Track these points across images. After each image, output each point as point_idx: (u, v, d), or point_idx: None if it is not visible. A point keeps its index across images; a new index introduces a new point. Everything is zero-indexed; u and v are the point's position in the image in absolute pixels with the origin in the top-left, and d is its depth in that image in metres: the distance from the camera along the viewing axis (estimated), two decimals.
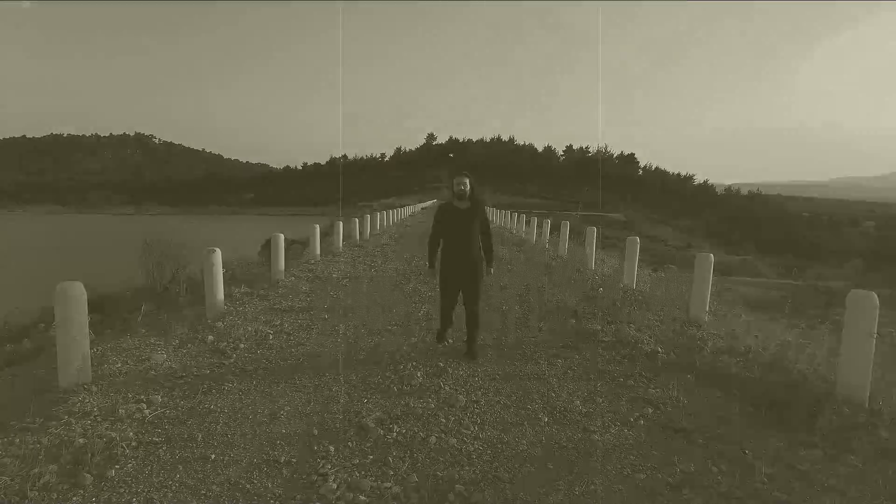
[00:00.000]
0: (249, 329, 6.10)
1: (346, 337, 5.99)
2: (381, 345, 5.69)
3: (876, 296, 4.12)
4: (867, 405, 3.98)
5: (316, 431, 3.64)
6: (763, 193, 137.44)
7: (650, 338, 5.84)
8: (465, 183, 5.07)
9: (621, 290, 8.46)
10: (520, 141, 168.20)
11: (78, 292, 4.23)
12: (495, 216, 32.01)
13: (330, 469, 3.14)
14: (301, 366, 4.99)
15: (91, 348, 4.58)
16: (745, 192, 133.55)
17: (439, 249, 5.29)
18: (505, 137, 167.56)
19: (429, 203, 63.44)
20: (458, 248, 5.09)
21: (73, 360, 4.19)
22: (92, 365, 4.47)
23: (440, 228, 5.22)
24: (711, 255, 7.06)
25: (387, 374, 4.75)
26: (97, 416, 3.74)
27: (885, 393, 4.10)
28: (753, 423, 3.86)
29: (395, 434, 3.61)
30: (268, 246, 15.78)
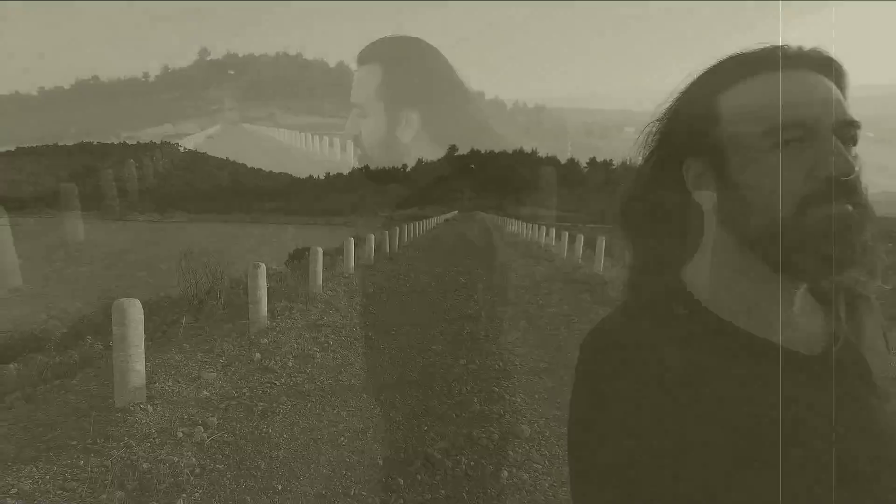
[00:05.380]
0: (295, 346, 6.00)
1: (394, 357, 5.87)
2: (431, 366, 5.55)
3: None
4: None
5: (380, 461, 3.51)
6: None
7: None
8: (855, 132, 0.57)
9: None
10: (542, 152, 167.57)
11: (136, 310, 4.18)
12: (521, 228, 30.38)
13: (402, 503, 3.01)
14: (352, 387, 4.88)
15: None
16: None
17: None
18: (528, 149, 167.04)
19: (451, 214, 63.20)
20: None
21: (129, 379, 4.11)
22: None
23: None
24: None
25: (443, 399, 4.61)
26: (156, 438, 3.66)
27: None
28: None
29: (463, 467, 3.46)
30: (295, 256, 15.82)
